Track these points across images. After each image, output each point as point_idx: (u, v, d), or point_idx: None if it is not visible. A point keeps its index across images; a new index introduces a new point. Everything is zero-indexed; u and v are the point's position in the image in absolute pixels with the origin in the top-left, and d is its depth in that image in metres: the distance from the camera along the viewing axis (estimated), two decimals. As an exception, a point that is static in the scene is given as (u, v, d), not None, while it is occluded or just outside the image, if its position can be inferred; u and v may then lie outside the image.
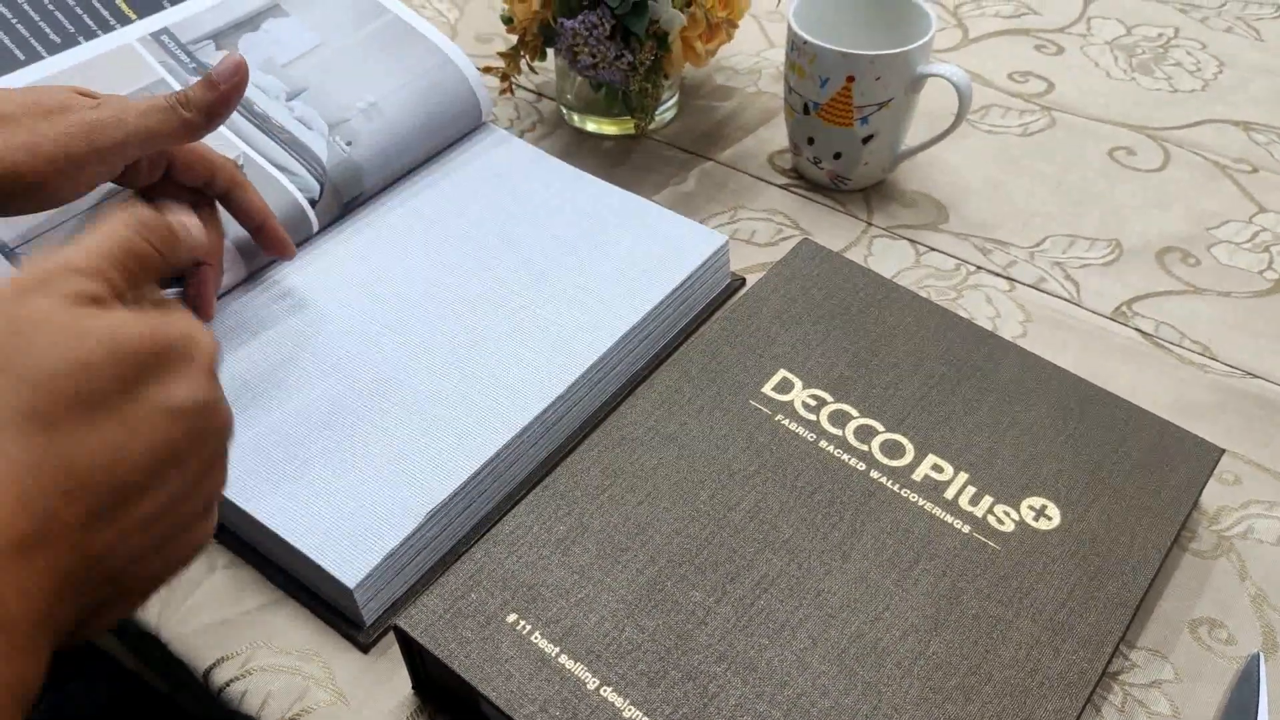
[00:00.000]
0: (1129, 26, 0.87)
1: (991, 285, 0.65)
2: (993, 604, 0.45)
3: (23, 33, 0.60)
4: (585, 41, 0.65)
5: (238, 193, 0.55)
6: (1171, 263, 0.67)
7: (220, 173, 0.54)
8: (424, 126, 0.66)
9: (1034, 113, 0.78)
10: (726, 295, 0.64)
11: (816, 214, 0.70)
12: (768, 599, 0.45)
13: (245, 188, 0.55)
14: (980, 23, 0.87)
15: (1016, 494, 0.49)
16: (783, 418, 0.52)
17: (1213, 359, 0.61)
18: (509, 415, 0.53)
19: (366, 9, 0.68)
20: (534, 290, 0.59)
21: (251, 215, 0.56)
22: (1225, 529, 0.53)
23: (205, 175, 0.54)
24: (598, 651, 0.43)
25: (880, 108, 0.66)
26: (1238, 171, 0.73)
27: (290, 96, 0.63)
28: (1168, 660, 0.48)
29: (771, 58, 0.83)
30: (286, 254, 0.58)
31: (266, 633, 0.49)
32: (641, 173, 0.73)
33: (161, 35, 0.63)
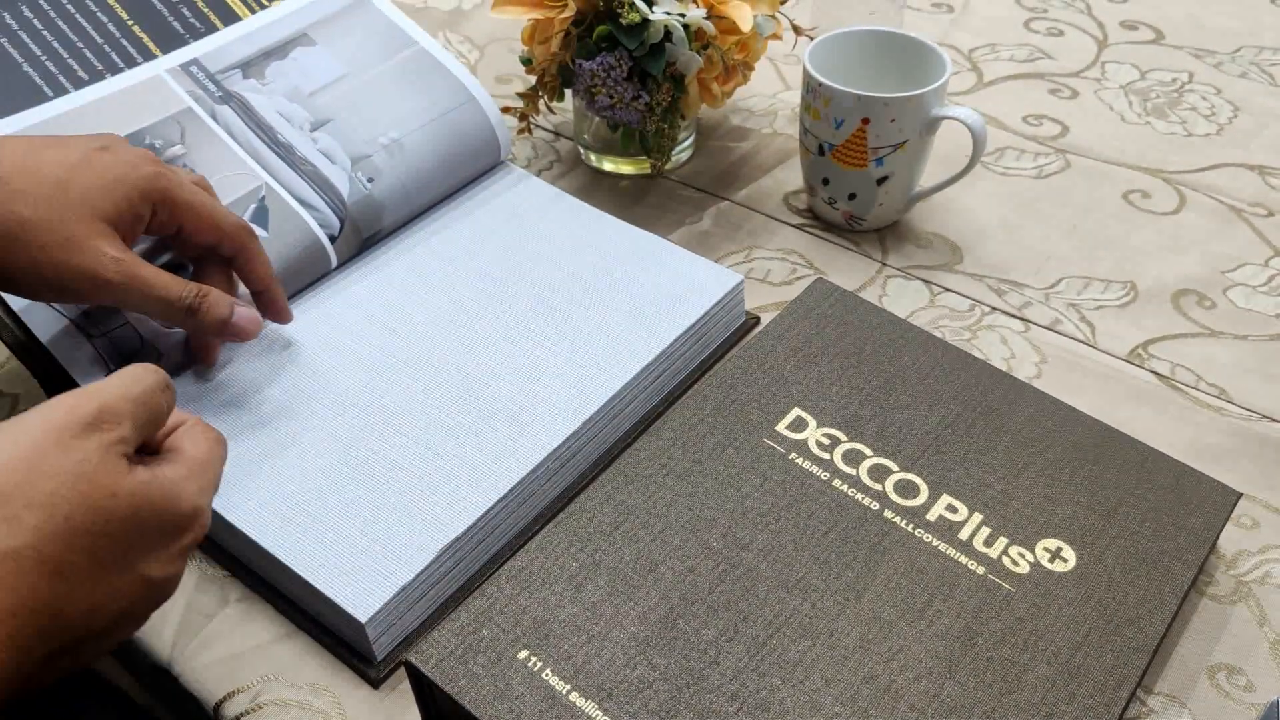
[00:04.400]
0: (1143, 71, 0.87)
1: (1006, 326, 0.65)
2: (1007, 647, 0.45)
3: (50, 68, 0.61)
4: (603, 83, 0.66)
5: (243, 259, 0.55)
6: (1187, 305, 0.67)
7: (228, 240, 0.54)
8: (444, 164, 0.66)
9: (1049, 155, 0.79)
10: (741, 334, 0.64)
11: (831, 254, 0.71)
12: (780, 638, 0.45)
13: (251, 255, 0.55)
14: (995, 66, 0.88)
15: (1032, 536, 0.49)
16: (796, 456, 0.52)
17: (1229, 402, 0.61)
18: (523, 451, 0.53)
19: (394, 40, 0.69)
20: (549, 327, 0.59)
21: (253, 282, 0.56)
22: (1243, 574, 0.52)
23: (213, 240, 0.54)
24: (609, 689, 0.43)
25: (895, 149, 0.67)
26: (1253, 215, 0.73)
27: (315, 127, 0.64)
28: (1186, 707, 0.48)
29: (787, 99, 0.84)
30: (283, 320, 0.58)
31: (278, 667, 0.49)
32: (657, 212, 0.74)
33: (190, 66, 0.64)
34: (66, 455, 0.35)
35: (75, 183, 0.49)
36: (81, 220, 0.49)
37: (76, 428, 0.35)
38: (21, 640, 0.33)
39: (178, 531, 0.38)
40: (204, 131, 0.61)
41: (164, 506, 0.37)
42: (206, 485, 0.40)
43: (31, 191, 0.48)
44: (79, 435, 0.35)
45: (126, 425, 0.37)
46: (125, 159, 0.51)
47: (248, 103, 0.63)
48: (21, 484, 0.34)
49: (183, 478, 0.38)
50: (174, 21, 0.65)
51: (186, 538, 0.38)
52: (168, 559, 0.37)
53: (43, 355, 0.54)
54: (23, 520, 0.33)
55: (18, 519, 0.33)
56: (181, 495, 0.38)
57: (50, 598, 0.33)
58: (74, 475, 0.34)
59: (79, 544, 0.34)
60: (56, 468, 0.34)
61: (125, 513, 0.35)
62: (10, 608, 0.33)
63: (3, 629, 0.32)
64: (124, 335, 0.55)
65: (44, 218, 0.48)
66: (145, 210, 0.51)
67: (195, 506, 0.38)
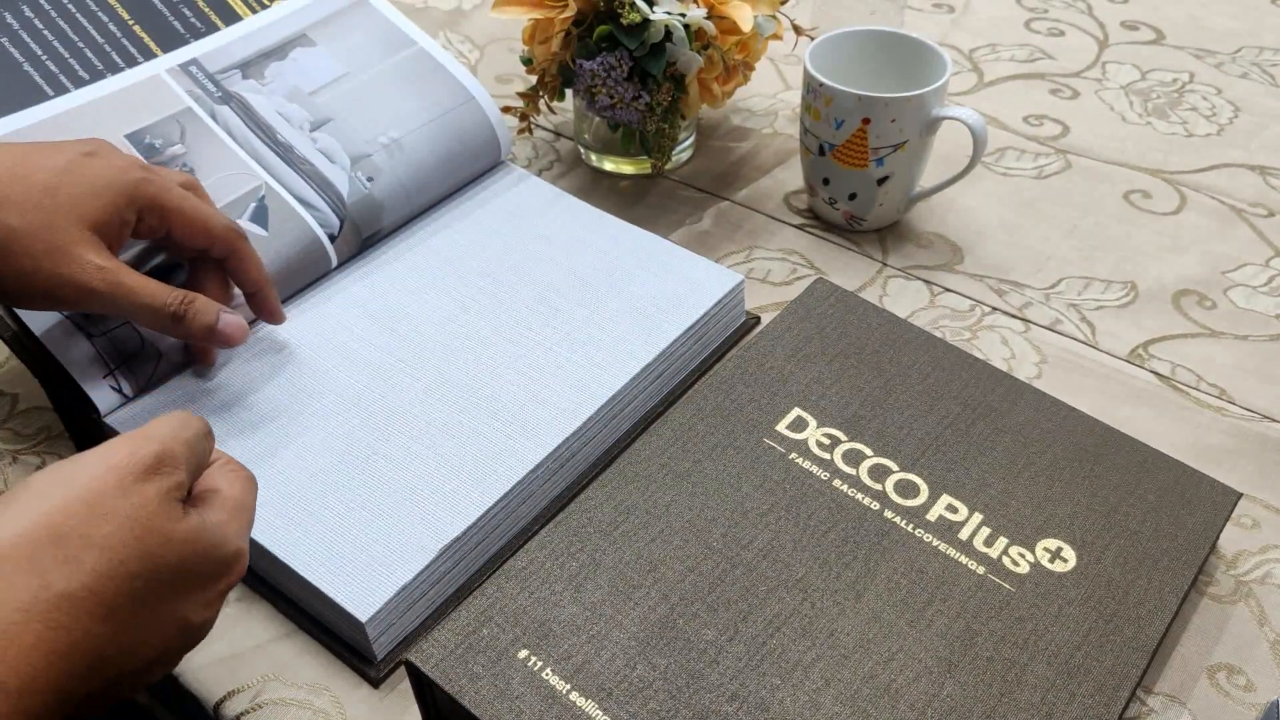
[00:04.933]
0: (1144, 71, 0.87)
1: (1006, 326, 0.65)
2: (1007, 646, 0.45)
3: (50, 68, 0.61)
4: (603, 82, 0.66)
5: (234, 261, 0.55)
6: (1188, 306, 0.67)
7: (218, 243, 0.54)
8: (444, 164, 0.66)
9: (1049, 156, 0.79)
10: (741, 334, 0.64)
11: (831, 254, 0.71)
12: (780, 638, 0.45)
13: (243, 257, 0.55)
14: (995, 67, 0.88)
15: (1031, 536, 0.49)
16: (796, 456, 0.52)
17: (1230, 402, 0.61)
18: (523, 451, 0.53)
19: (394, 40, 0.69)
20: (549, 327, 0.59)
21: (245, 284, 0.56)
22: (1243, 574, 0.52)
23: (203, 243, 0.54)
24: (609, 689, 0.43)
25: (895, 150, 0.67)
26: (1254, 215, 0.73)
27: (314, 126, 0.64)
28: (1185, 707, 0.48)
29: (787, 99, 0.84)
30: (275, 321, 0.58)
31: (278, 666, 0.49)
32: (658, 212, 0.74)
33: (190, 66, 0.64)
34: (126, 499, 0.35)
35: (62, 189, 0.49)
36: (68, 228, 0.49)
37: (138, 471, 0.36)
38: (66, 681, 0.33)
39: (219, 575, 0.38)
40: (204, 131, 0.61)
41: (211, 552, 0.37)
42: (244, 526, 0.40)
43: (19, 200, 0.48)
44: (140, 479, 0.36)
45: (182, 471, 0.37)
46: (113, 164, 0.51)
47: (247, 103, 0.63)
48: (81, 525, 0.34)
49: (225, 521, 0.38)
50: (174, 21, 0.65)
51: (224, 581, 0.38)
52: (205, 602, 0.38)
53: (42, 354, 0.54)
54: (82, 562, 0.33)
55: (77, 561, 0.33)
56: (226, 539, 0.38)
57: (98, 638, 0.34)
58: (132, 519, 0.35)
59: (129, 588, 0.34)
60: (115, 510, 0.35)
61: (175, 559, 0.36)
62: (62, 650, 0.33)
63: (52, 670, 0.32)
64: (124, 335, 0.55)
65: (31, 226, 0.48)
66: (131, 216, 0.51)
67: (237, 550, 0.39)
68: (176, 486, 0.37)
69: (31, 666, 0.32)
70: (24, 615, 0.32)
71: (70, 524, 0.34)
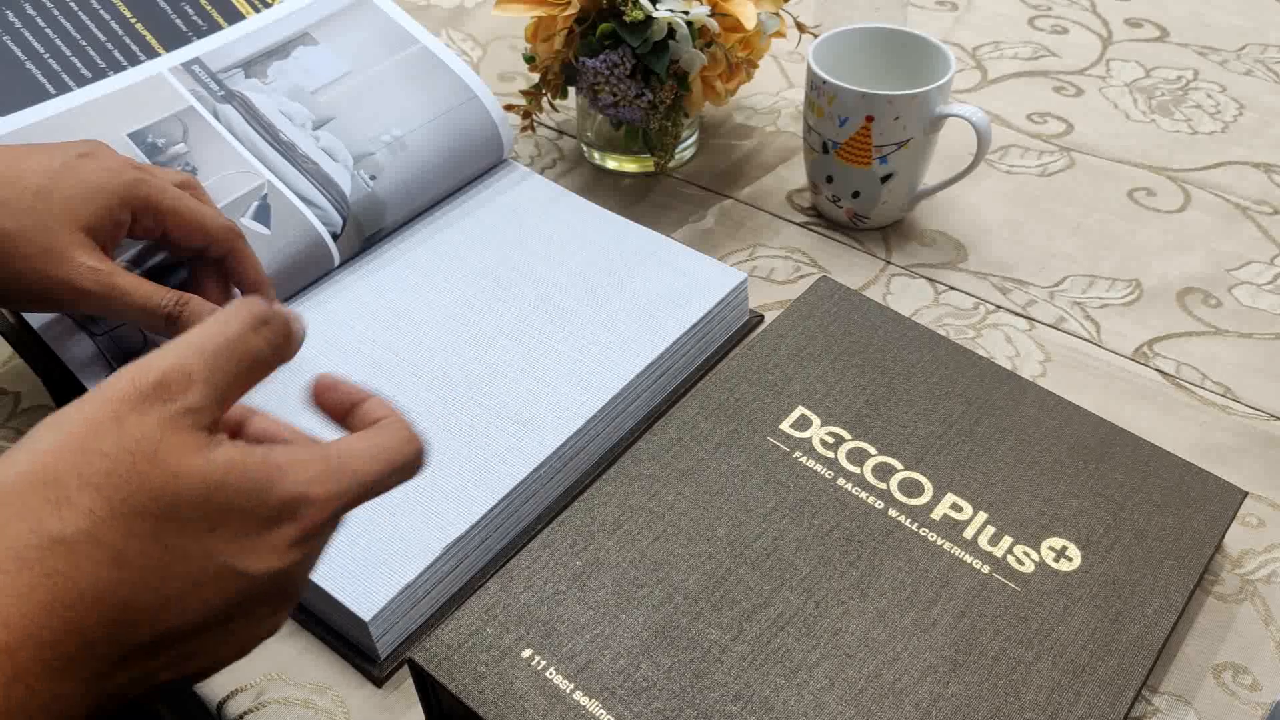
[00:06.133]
0: (1148, 69, 0.87)
1: (1010, 324, 0.65)
2: (1012, 645, 0.45)
3: (53, 66, 0.61)
4: (606, 80, 0.66)
5: (232, 261, 0.54)
6: (1192, 304, 0.67)
7: (215, 243, 0.53)
8: (447, 162, 0.66)
9: (1053, 153, 0.79)
10: (745, 332, 0.64)
11: (835, 252, 0.70)
12: (784, 637, 0.45)
13: (240, 256, 0.54)
14: (999, 64, 0.88)
15: (1036, 534, 0.49)
16: (800, 455, 0.51)
17: (1235, 401, 0.61)
18: (526, 450, 0.53)
19: (396, 38, 0.69)
20: (552, 325, 0.59)
21: (243, 284, 0.56)
22: (1249, 572, 0.52)
23: (199, 243, 0.53)
24: (612, 688, 0.43)
25: (899, 147, 0.66)
26: (1259, 213, 0.73)
27: (317, 125, 0.64)
28: (1191, 706, 0.47)
29: (791, 97, 0.84)
30: None
31: (281, 665, 0.49)
32: (661, 210, 0.74)
33: (193, 65, 0.64)
34: (123, 431, 0.31)
35: (56, 191, 0.49)
36: (61, 230, 0.48)
37: (134, 399, 0.31)
38: (87, 633, 0.29)
39: (270, 520, 0.32)
40: (206, 130, 0.61)
41: (244, 489, 0.32)
42: (325, 474, 0.33)
43: (11, 203, 0.48)
44: (137, 408, 0.31)
45: (196, 392, 0.32)
46: (107, 165, 0.51)
47: (250, 101, 0.63)
48: (75, 465, 0.30)
49: (289, 462, 0.33)
50: (177, 20, 0.65)
51: (288, 527, 0.32)
52: (266, 550, 0.32)
53: (44, 353, 0.54)
54: (75, 504, 0.30)
55: (70, 503, 0.30)
56: (274, 480, 0.32)
57: (112, 586, 0.30)
58: (131, 453, 0.31)
59: (140, 528, 0.30)
60: (112, 446, 0.31)
61: (194, 495, 0.31)
62: (67, 599, 0.29)
63: (60, 620, 0.29)
64: (126, 333, 0.55)
65: (24, 229, 0.48)
66: (125, 217, 0.51)
67: (293, 495, 0.32)
68: (185, 411, 0.32)
69: (27, 618, 0.29)
70: (16, 564, 0.29)
71: (62, 465, 0.30)
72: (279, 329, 0.35)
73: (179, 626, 0.31)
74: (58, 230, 0.48)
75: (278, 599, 0.34)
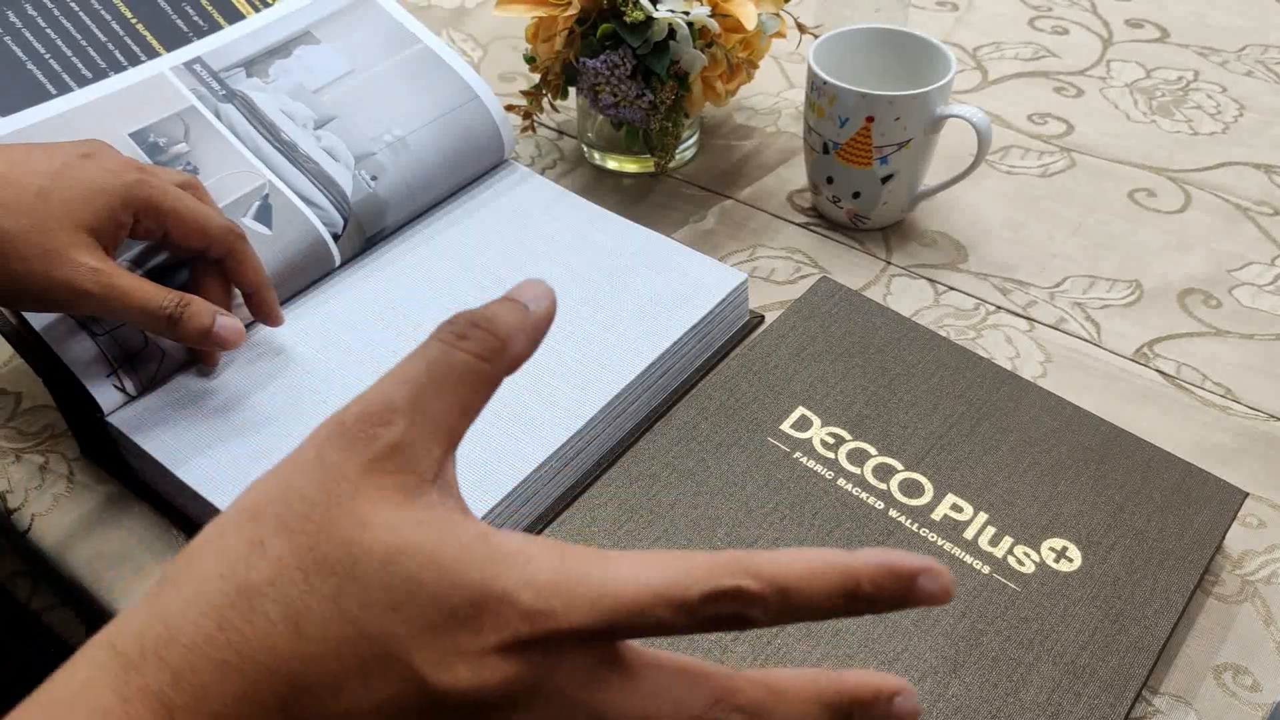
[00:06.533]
0: (1148, 70, 0.87)
1: (1011, 325, 0.65)
2: (1013, 646, 0.45)
3: (54, 66, 0.61)
4: (607, 81, 0.66)
5: (232, 262, 0.54)
6: (1193, 304, 0.67)
7: (215, 244, 0.53)
8: (448, 162, 0.66)
9: (1053, 154, 0.79)
10: (745, 332, 0.64)
11: (835, 252, 0.70)
12: (784, 638, 0.45)
13: (241, 258, 0.54)
14: (999, 65, 0.88)
15: (1037, 535, 0.49)
16: (801, 455, 0.51)
17: (1235, 401, 0.61)
18: (527, 450, 0.53)
19: (398, 38, 0.69)
20: (553, 326, 0.59)
21: (243, 285, 0.55)
22: (1249, 573, 0.52)
23: (201, 243, 0.53)
24: (613, 689, 0.43)
25: (899, 148, 0.66)
26: (1259, 214, 0.73)
27: (318, 125, 0.64)
28: (1191, 707, 0.47)
29: (791, 98, 0.84)
30: (273, 323, 0.57)
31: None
32: (661, 210, 0.74)
33: (194, 64, 0.64)
34: (324, 471, 0.27)
35: (56, 192, 0.49)
36: (61, 231, 0.48)
37: (338, 435, 0.27)
38: (258, 710, 0.25)
39: (467, 616, 0.25)
40: (207, 130, 0.61)
41: (436, 559, 0.26)
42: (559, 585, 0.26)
43: (11, 203, 0.48)
44: (340, 445, 0.27)
45: (401, 422, 0.27)
46: (107, 166, 0.51)
47: (251, 101, 0.63)
48: (275, 505, 0.27)
49: (513, 548, 0.26)
50: (178, 19, 0.65)
51: (490, 633, 0.25)
52: (455, 656, 0.25)
53: (45, 353, 0.54)
54: (268, 549, 0.26)
55: (263, 547, 0.26)
56: (479, 561, 0.26)
57: (287, 656, 0.25)
58: (328, 494, 0.26)
59: (322, 588, 0.25)
60: (311, 487, 0.27)
61: (377, 554, 0.26)
62: (234, 661, 0.25)
63: (231, 685, 0.25)
64: (127, 333, 0.55)
65: (24, 229, 0.48)
66: (127, 218, 0.51)
67: (505, 589, 0.25)
68: (390, 449, 0.27)
69: (197, 676, 0.25)
70: (197, 611, 0.25)
71: (264, 502, 0.27)
72: (485, 335, 0.29)
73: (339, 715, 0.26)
74: (58, 231, 0.48)
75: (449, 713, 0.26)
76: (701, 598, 0.25)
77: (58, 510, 0.56)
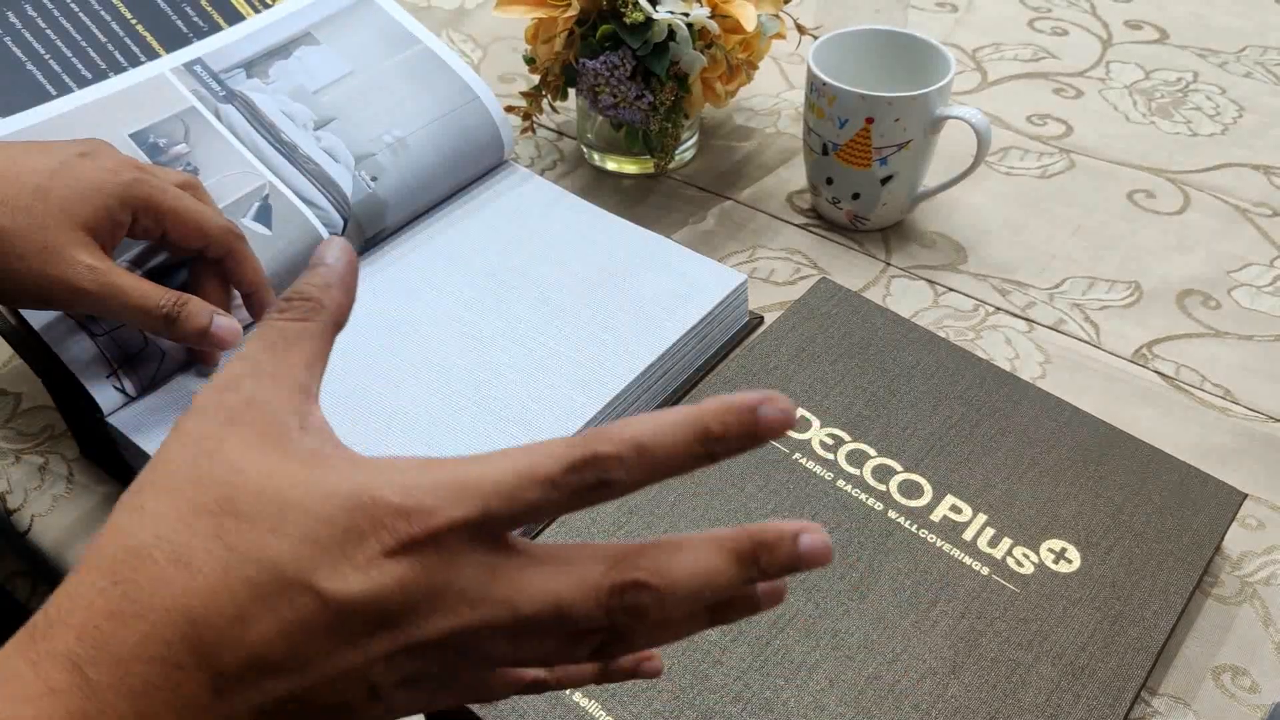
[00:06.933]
0: (1148, 71, 0.87)
1: (1010, 326, 0.65)
2: (1012, 647, 0.45)
3: (54, 67, 0.61)
4: (606, 82, 0.66)
5: (231, 262, 0.54)
6: (1192, 306, 0.67)
7: (213, 244, 0.53)
8: (448, 163, 0.66)
9: (1053, 155, 0.79)
10: (745, 333, 0.64)
11: (835, 254, 0.70)
12: (784, 638, 0.45)
13: (240, 258, 0.54)
14: (999, 66, 0.88)
15: (1036, 536, 0.49)
16: (800, 456, 0.51)
17: (1234, 403, 0.61)
18: (526, 451, 0.52)
19: (398, 38, 0.69)
20: (553, 327, 0.59)
21: (242, 285, 0.55)
22: (1248, 574, 0.52)
23: (199, 243, 0.53)
24: (612, 689, 0.43)
25: (899, 149, 0.66)
26: (1258, 215, 0.73)
27: (318, 125, 0.64)
28: (1190, 708, 0.47)
29: (791, 99, 0.84)
30: None
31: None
32: (661, 211, 0.74)
33: (194, 65, 0.64)
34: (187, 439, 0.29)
35: (54, 190, 0.49)
36: (59, 228, 0.48)
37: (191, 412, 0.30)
38: (164, 650, 0.26)
39: (347, 526, 0.27)
40: (208, 130, 0.61)
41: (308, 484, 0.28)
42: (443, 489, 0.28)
43: (10, 200, 0.48)
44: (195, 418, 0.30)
45: (247, 385, 0.30)
46: (106, 165, 0.50)
47: (251, 102, 0.63)
48: (149, 474, 0.29)
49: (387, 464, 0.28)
50: (177, 20, 0.65)
51: (374, 540, 0.27)
52: (346, 565, 0.26)
53: (45, 353, 0.54)
54: (147, 510, 0.28)
55: (143, 510, 0.28)
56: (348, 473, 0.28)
57: (181, 593, 0.26)
58: (194, 454, 0.28)
59: (202, 527, 0.27)
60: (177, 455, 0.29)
61: (253, 488, 0.28)
62: (135, 607, 0.26)
63: (134, 631, 0.26)
64: (127, 334, 0.55)
65: (22, 227, 0.48)
66: (125, 217, 0.51)
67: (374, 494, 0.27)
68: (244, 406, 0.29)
69: (99, 630, 0.26)
70: (92, 576, 0.27)
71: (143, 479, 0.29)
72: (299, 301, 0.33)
73: (266, 655, 0.26)
74: (56, 229, 0.48)
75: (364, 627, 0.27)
76: (563, 469, 0.27)
77: (57, 511, 0.56)
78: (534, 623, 0.27)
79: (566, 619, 0.27)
